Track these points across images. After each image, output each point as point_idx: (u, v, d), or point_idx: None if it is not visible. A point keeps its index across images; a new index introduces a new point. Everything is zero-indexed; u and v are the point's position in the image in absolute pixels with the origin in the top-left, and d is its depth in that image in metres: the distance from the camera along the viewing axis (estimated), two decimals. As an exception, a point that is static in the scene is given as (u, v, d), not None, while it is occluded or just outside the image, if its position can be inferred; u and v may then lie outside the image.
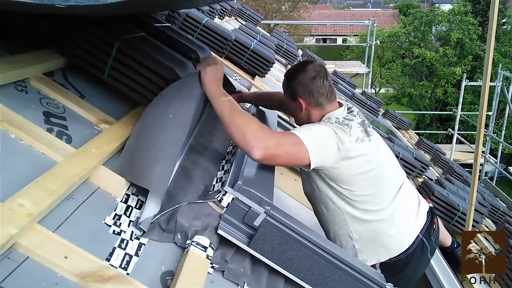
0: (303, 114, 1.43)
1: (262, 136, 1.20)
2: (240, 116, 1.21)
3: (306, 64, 1.42)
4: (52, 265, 0.74)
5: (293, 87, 1.41)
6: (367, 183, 1.36)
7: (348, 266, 1.10)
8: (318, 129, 1.30)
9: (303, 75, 1.38)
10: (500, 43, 13.97)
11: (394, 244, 1.42)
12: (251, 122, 1.21)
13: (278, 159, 1.27)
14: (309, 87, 1.37)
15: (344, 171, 1.32)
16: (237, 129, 1.19)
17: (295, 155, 1.26)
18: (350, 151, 1.29)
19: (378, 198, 1.39)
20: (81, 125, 1.13)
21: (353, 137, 1.31)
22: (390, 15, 24.00)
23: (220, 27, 2.85)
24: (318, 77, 1.37)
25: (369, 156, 1.35)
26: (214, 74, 1.27)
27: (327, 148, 1.28)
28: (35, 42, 1.25)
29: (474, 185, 2.29)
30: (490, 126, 7.44)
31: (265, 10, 16.05)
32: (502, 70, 7.13)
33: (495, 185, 5.80)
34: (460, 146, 9.58)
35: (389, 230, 1.41)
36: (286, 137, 1.27)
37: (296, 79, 1.39)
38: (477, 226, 2.88)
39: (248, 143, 1.17)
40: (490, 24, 2.00)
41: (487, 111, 3.08)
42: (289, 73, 1.45)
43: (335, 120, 1.35)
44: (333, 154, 1.28)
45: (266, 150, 1.18)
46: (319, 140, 1.27)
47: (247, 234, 1.05)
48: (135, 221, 0.96)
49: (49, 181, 0.84)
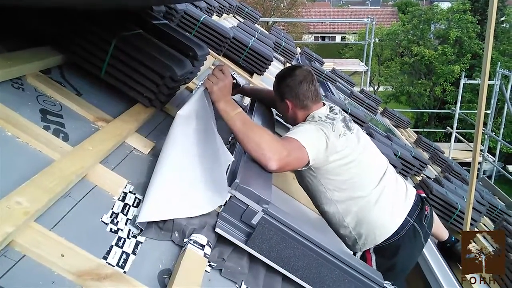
0: (290, 114, 1.56)
1: (276, 147, 1.27)
2: (253, 130, 1.27)
3: (295, 68, 1.54)
4: (48, 263, 0.73)
5: (282, 89, 1.53)
6: (352, 171, 1.48)
7: (346, 264, 1.10)
8: (307, 129, 1.42)
9: (291, 79, 1.50)
10: (498, 41, 13.97)
11: (386, 226, 1.51)
12: (264, 135, 1.28)
13: (289, 166, 1.36)
14: (296, 90, 1.50)
15: (332, 163, 1.44)
16: (252, 143, 1.25)
17: (301, 159, 1.35)
18: (335, 145, 1.42)
19: (365, 183, 1.50)
20: (78, 123, 1.12)
21: (337, 132, 1.44)
22: (389, 13, 23.98)
23: (218, 24, 2.84)
24: (305, 81, 1.50)
25: (351, 147, 1.47)
26: (221, 92, 1.27)
27: (319, 145, 1.39)
28: (32, 39, 1.24)
29: (473, 184, 2.30)
30: (489, 125, 7.46)
31: (264, 7, 16.00)
32: (501, 68, 7.14)
33: (493, 184, 5.81)
34: (459, 145, 9.61)
35: (378, 213, 1.50)
36: (291, 144, 1.34)
37: (285, 82, 1.52)
38: (475, 224, 2.88)
39: (265, 156, 1.24)
40: (489, 22, 1.99)
41: (485, 110, 3.08)
42: (279, 76, 1.57)
43: (318, 118, 1.47)
44: (323, 149, 1.39)
45: (280, 161, 1.26)
46: (311, 138, 1.38)
47: (245, 233, 1.05)
48: (132, 219, 0.95)
49: (46, 179, 0.84)
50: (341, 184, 1.48)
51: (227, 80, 1.29)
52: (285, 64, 4.57)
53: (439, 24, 15.76)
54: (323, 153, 1.40)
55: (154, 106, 1.38)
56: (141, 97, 1.33)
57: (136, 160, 1.18)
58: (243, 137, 1.25)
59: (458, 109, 7.87)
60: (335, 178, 1.47)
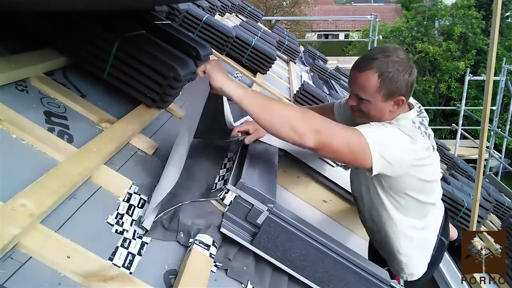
0: (380, 114, 1.23)
1: (313, 122, 1.07)
2: (278, 105, 1.07)
3: (407, 58, 1.20)
4: (54, 265, 0.73)
5: (398, 84, 1.17)
6: (428, 192, 1.29)
7: (353, 264, 1.09)
8: (390, 133, 1.16)
9: (407, 71, 1.18)
10: (504, 37, 13.85)
11: (431, 249, 1.41)
12: (293, 108, 1.08)
13: (335, 151, 1.12)
14: (411, 83, 1.20)
15: (412, 180, 1.21)
16: (280, 120, 1.05)
17: (356, 153, 1.12)
18: (421, 158, 1.19)
19: (434, 206, 1.36)
20: (82, 125, 1.13)
21: (426, 144, 1.21)
22: (392, 10, 23.84)
23: (221, 24, 2.84)
24: (414, 70, 1.21)
25: (435, 166, 1.27)
26: (220, 71, 1.09)
27: (397, 156, 1.15)
28: (35, 41, 1.25)
29: (479, 181, 2.28)
30: (494, 121, 7.38)
31: (266, 6, 15.98)
32: (506, 64, 7.07)
33: (500, 181, 5.76)
34: (464, 142, 9.53)
35: (434, 235, 1.39)
36: (346, 128, 1.13)
37: (402, 76, 1.17)
38: (482, 222, 2.86)
39: (297, 132, 1.05)
40: (494, 18, 1.97)
41: (491, 106, 3.05)
42: (387, 67, 1.16)
43: (412, 124, 1.21)
44: (405, 163, 1.16)
45: (319, 137, 1.06)
46: (388, 145, 1.14)
47: (250, 232, 1.04)
48: (137, 220, 0.95)
49: (51, 181, 0.84)
50: (414, 205, 1.28)
51: (216, 62, 1.13)
52: (288, 63, 4.56)
53: (443, 20, 15.63)
54: (404, 167, 1.17)
55: (157, 107, 1.38)
56: (145, 98, 1.33)
57: (140, 161, 1.18)
58: (266, 115, 1.05)
59: (464, 106, 7.80)
60: (413, 196, 1.25)
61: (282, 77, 3.78)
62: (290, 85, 3.65)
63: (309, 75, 4.59)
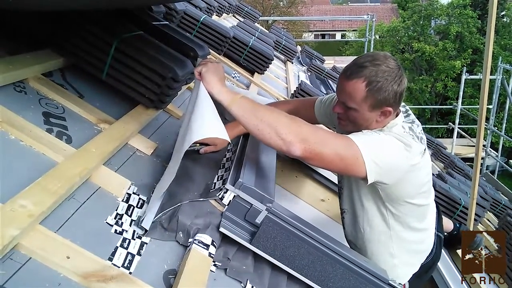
0: (367, 123, 1.20)
1: (300, 130, 1.05)
2: (265, 112, 1.05)
3: (397, 67, 1.16)
4: (54, 265, 0.73)
5: (386, 94, 1.14)
6: (424, 195, 1.28)
7: (351, 262, 1.10)
8: (383, 140, 1.13)
9: (397, 81, 1.14)
10: (499, 36, 13.92)
11: (428, 249, 1.41)
12: (280, 116, 1.06)
13: (325, 160, 1.08)
14: (400, 94, 1.17)
15: (408, 186, 1.20)
16: (267, 128, 1.04)
17: (347, 161, 1.09)
18: (416, 164, 1.16)
19: (430, 208, 1.35)
20: (81, 125, 1.12)
21: (420, 148, 1.17)
22: (388, 10, 23.91)
23: (218, 24, 2.84)
24: (404, 79, 1.17)
25: (428, 167, 1.25)
26: (216, 76, 1.10)
27: (392, 163, 1.13)
28: (33, 42, 1.24)
29: (476, 179, 2.29)
30: (491, 120, 7.42)
31: (263, 6, 16.00)
32: (502, 63, 7.10)
33: (496, 179, 5.78)
34: (461, 140, 9.56)
35: (430, 236, 1.40)
36: (336, 136, 1.12)
37: (390, 86, 1.14)
38: (479, 220, 2.87)
39: (284, 140, 1.03)
40: (490, 17, 1.99)
41: (487, 105, 3.07)
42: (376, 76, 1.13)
43: (402, 130, 1.18)
44: (400, 169, 1.14)
45: (307, 145, 1.04)
46: (382, 152, 1.11)
47: (249, 232, 1.05)
48: (136, 220, 0.96)
49: (50, 181, 0.84)
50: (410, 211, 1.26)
51: (217, 64, 1.13)
52: (285, 63, 4.57)
53: (439, 20, 15.71)
54: (399, 174, 1.15)
55: (156, 107, 1.38)
56: (143, 98, 1.34)
57: (139, 161, 1.18)
58: (253, 123, 1.04)
59: (460, 105, 7.82)
60: (410, 202, 1.24)
61: (280, 77, 3.79)
62: (288, 84, 3.66)
63: (307, 74, 4.61)
